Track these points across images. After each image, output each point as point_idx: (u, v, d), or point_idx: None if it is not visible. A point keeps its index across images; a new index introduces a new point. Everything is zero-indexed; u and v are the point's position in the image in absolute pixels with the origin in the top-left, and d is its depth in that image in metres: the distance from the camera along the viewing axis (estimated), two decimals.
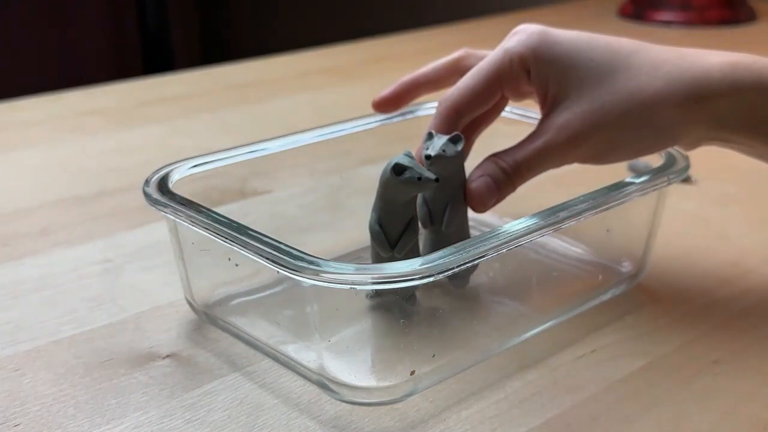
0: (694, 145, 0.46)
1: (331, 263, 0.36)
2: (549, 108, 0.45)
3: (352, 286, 0.36)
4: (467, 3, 1.80)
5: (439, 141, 0.45)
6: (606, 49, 0.45)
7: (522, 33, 0.46)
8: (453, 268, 0.36)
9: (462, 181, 0.47)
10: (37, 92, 0.91)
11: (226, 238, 0.39)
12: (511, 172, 0.44)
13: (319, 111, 0.86)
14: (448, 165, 0.45)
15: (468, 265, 0.37)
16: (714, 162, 0.69)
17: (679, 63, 0.44)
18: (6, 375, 0.42)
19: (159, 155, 0.72)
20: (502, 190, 0.44)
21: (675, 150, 0.48)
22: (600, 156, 0.45)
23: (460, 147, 0.46)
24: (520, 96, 0.48)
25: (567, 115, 0.44)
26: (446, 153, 0.45)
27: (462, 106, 0.47)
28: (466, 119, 0.47)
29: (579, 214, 0.42)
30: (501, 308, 0.48)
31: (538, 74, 0.45)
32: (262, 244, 0.37)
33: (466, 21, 1.30)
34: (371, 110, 0.56)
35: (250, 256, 0.38)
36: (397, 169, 0.41)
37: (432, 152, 0.45)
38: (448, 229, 0.46)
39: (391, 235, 0.43)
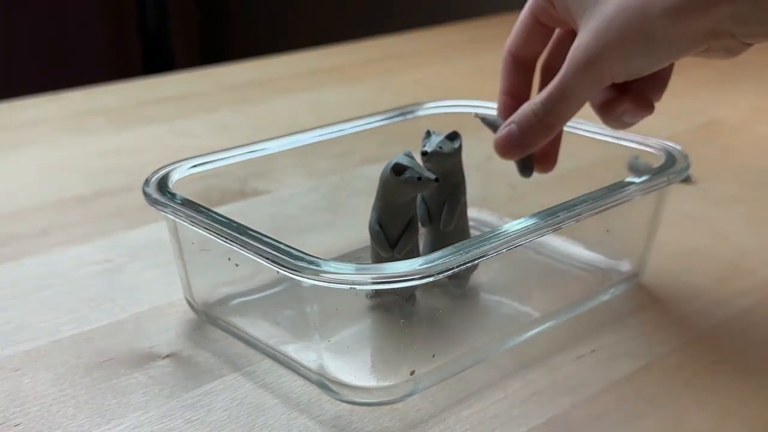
0: (712, 51, 0.43)
1: (331, 263, 0.36)
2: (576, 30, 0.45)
3: (352, 286, 0.36)
4: (468, 3, 1.80)
5: (437, 138, 0.45)
6: None
7: None
8: (453, 268, 0.36)
9: (460, 179, 0.47)
10: (37, 92, 0.91)
11: (226, 238, 0.39)
12: (542, 111, 0.43)
13: (319, 111, 0.86)
14: (445, 162, 0.45)
15: (468, 265, 0.37)
16: (714, 162, 0.69)
17: None
18: (6, 375, 0.42)
19: (159, 155, 0.72)
20: (530, 133, 0.44)
21: (675, 150, 0.48)
22: (619, 73, 0.43)
23: (457, 144, 0.46)
24: (562, 25, 0.47)
25: (581, 38, 0.43)
26: (443, 149, 0.45)
27: (514, 50, 0.48)
28: (526, 62, 0.48)
29: (579, 214, 0.42)
30: (501, 308, 0.48)
31: (559, 2, 0.45)
32: (262, 244, 0.37)
33: (467, 21, 1.30)
34: (371, 110, 0.56)
35: (250, 256, 0.38)
36: (397, 169, 0.41)
37: (429, 148, 0.45)
38: (447, 228, 0.46)
39: (391, 235, 0.43)
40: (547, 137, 0.44)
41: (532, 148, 0.44)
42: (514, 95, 0.49)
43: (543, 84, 0.48)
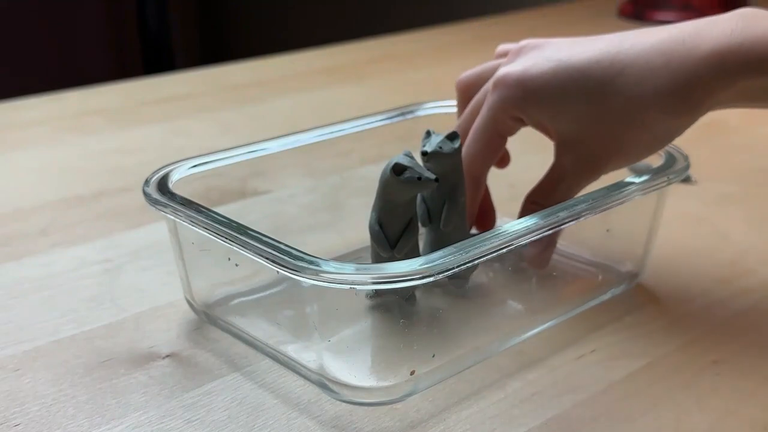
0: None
1: (331, 263, 0.36)
2: (558, 141, 0.46)
3: (352, 286, 0.36)
4: (467, 3, 1.80)
5: (437, 138, 0.45)
6: (586, 73, 0.44)
7: (501, 87, 0.46)
8: (453, 268, 0.36)
9: (460, 179, 0.47)
10: (37, 92, 0.91)
11: (226, 238, 0.39)
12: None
13: (319, 111, 0.86)
14: (445, 162, 0.45)
15: (468, 265, 0.37)
16: (714, 162, 0.69)
17: (666, 69, 0.42)
18: (6, 375, 0.42)
19: (159, 155, 0.72)
20: (551, 242, 0.47)
21: (675, 150, 0.48)
22: (621, 166, 0.46)
23: (457, 144, 0.46)
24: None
25: (578, 154, 0.45)
26: (443, 150, 0.45)
27: (477, 172, 0.48)
28: (485, 174, 0.49)
29: (579, 214, 0.42)
30: (501, 308, 0.48)
31: (531, 120, 0.46)
32: (262, 244, 0.37)
33: (467, 21, 1.30)
34: (371, 110, 0.56)
35: (250, 256, 0.38)
36: (397, 169, 0.41)
37: (429, 149, 0.45)
38: (447, 227, 0.46)
39: (391, 235, 0.43)
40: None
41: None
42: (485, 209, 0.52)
43: (474, 192, 0.49)
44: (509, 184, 0.54)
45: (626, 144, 0.44)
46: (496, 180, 0.52)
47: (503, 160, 0.51)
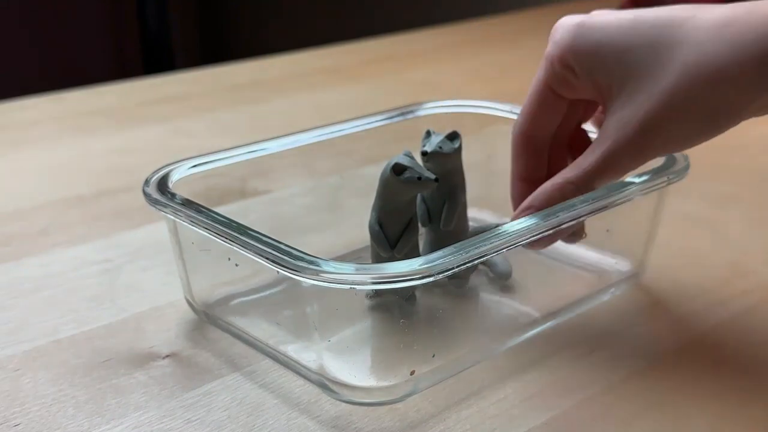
0: (763, 113, 0.41)
1: (331, 263, 0.36)
2: (608, 103, 0.41)
3: (352, 286, 0.36)
4: (468, 3, 1.80)
5: (437, 138, 0.45)
6: (655, 23, 0.40)
7: (557, 31, 0.42)
8: (453, 268, 0.36)
9: (460, 179, 0.47)
10: (37, 92, 0.91)
11: (226, 238, 0.39)
12: (575, 192, 0.41)
13: (319, 111, 0.86)
14: (445, 161, 0.45)
15: (468, 265, 0.37)
16: (714, 162, 0.69)
17: (748, 19, 0.37)
18: (6, 375, 0.42)
19: (159, 155, 0.72)
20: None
21: None
22: (669, 149, 0.41)
23: (457, 144, 0.46)
24: (585, 95, 0.43)
25: (628, 112, 0.40)
26: (443, 149, 0.45)
27: (527, 129, 0.44)
28: (541, 140, 0.44)
29: (579, 214, 0.42)
30: (501, 308, 0.48)
31: (583, 71, 0.41)
32: (262, 244, 0.37)
33: (468, 21, 1.30)
34: (371, 110, 0.56)
35: (250, 256, 0.38)
36: (397, 169, 0.41)
37: (429, 148, 0.45)
38: (447, 227, 0.46)
39: (391, 235, 0.43)
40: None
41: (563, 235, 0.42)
42: (531, 180, 0.45)
43: (527, 152, 0.45)
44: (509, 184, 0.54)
45: (681, 117, 0.39)
46: (496, 180, 0.52)
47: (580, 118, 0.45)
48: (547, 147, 0.45)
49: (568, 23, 0.42)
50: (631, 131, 0.40)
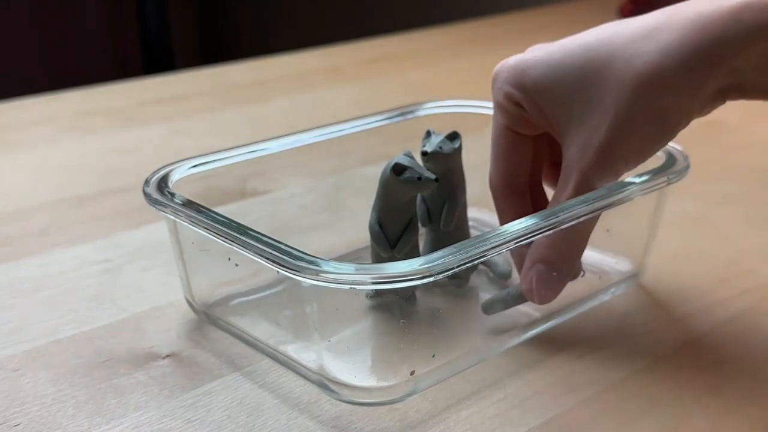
0: (708, 110, 0.41)
1: (331, 263, 0.36)
2: (562, 135, 0.42)
3: (352, 286, 0.36)
4: (468, 3, 1.80)
5: (437, 138, 0.45)
6: (583, 46, 0.41)
7: (498, 78, 0.43)
8: (453, 268, 0.36)
9: (460, 179, 0.47)
10: (37, 92, 0.91)
11: (226, 238, 0.39)
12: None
13: (319, 111, 0.86)
14: (445, 161, 0.45)
15: (468, 265, 0.37)
16: (714, 162, 0.69)
17: (669, 24, 0.38)
18: (6, 375, 0.42)
19: (159, 155, 0.72)
20: (560, 260, 0.41)
21: (675, 150, 0.48)
22: (634, 162, 0.42)
23: (457, 144, 0.46)
24: (542, 129, 0.44)
25: (583, 139, 0.40)
26: (443, 149, 0.45)
27: (504, 178, 0.45)
28: (520, 186, 0.45)
29: (579, 214, 0.42)
30: None
31: (531, 108, 0.42)
32: (262, 244, 0.37)
33: (467, 21, 1.30)
34: (371, 110, 0.56)
35: (250, 256, 0.38)
36: (397, 169, 0.41)
37: (429, 148, 0.45)
38: (446, 227, 0.46)
39: (391, 235, 0.43)
40: (579, 257, 0.42)
41: (567, 280, 0.42)
42: None
43: (516, 202, 0.45)
44: None
45: (631, 128, 0.40)
46: None
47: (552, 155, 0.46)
48: (528, 190, 0.46)
49: (505, 66, 0.43)
50: (592, 157, 0.40)
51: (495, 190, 0.46)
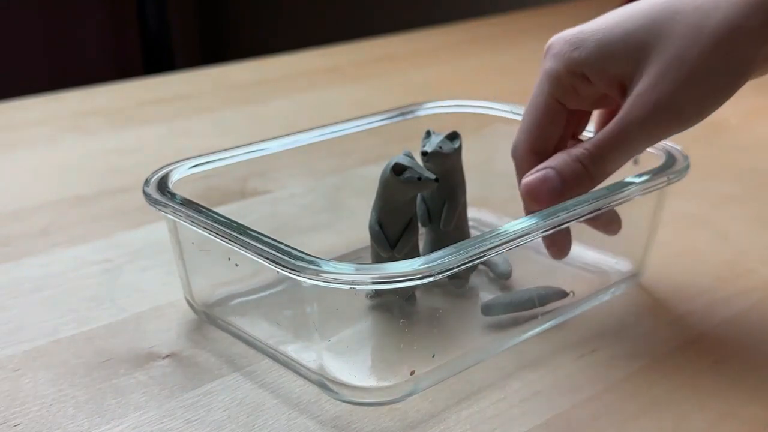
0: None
1: (331, 263, 0.36)
2: (627, 93, 0.41)
3: (352, 286, 0.36)
4: (468, 3, 1.80)
5: (437, 138, 0.45)
6: (648, 7, 0.41)
7: (554, 47, 0.43)
8: (453, 268, 0.36)
9: (460, 179, 0.47)
10: (37, 92, 0.91)
11: (226, 238, 0.39)
12: (589, 159, 0.41)
13: (319, 111, 0.86)
14: (445, 161, 0.45)
15: (468, 265, 0.37)
16: (714, 162, 0.69)
17: (716, 11, 0.39)
18: (6, 375, 0.42)
19: (159, 155, 0.72)
20: (571, 181, 0.41)
21: (675, 150, 0.48)
22: (692, 115, 0.41)
23: (457, 144, 0.46)
24: (586, 104, 0.45)
25: (641, 89, 0.40)
26: (443, 149, 0.45)
27: (535, 145, 0.45)
28: (545, 155, 0.44)
29: (579, 214, 0.42)
30: None
31: (595, 72, 0.42)
32: (262, 244, 0.37)
33: (467, 21, 1.30)
34: (371, 110, 0.56)
35: (250, 256, 0.38)
36: (397, 169, 0.41)
37: (429, 148, 0.45)
38: (446, 227, 0.46)
39: (391, 235, 0.43)
40: (586, 189, 0.42)
41: (567, 198, 0.42)
42: None
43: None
44: (509, 184, 0.54)
45: (705, 78, 0.39)
46: (496, 180, 0.52)
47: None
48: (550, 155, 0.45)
49: (564, 36, 0.43)
50: (645, 104, 0.40)
51: (523, 155, 0.45)
